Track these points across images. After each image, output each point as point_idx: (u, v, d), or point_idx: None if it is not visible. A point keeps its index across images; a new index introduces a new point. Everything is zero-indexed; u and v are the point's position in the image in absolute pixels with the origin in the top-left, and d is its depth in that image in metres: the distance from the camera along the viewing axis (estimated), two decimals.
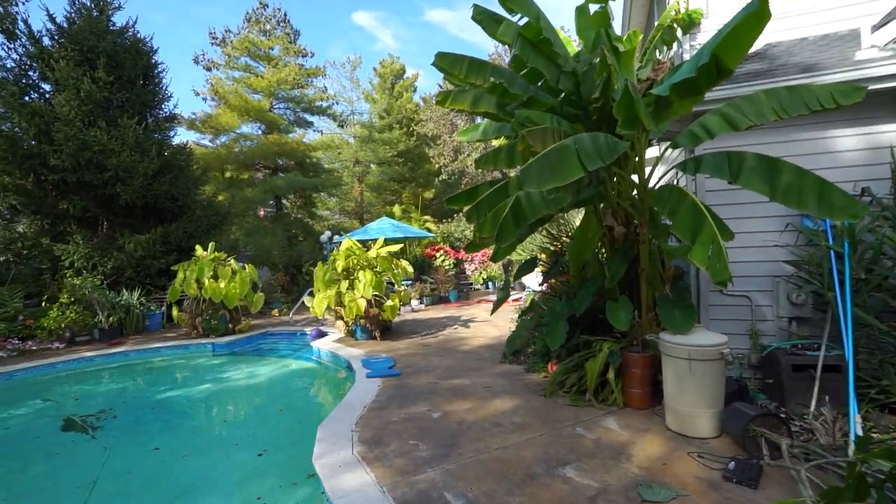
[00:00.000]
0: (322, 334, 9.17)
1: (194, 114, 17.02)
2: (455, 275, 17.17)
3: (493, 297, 13.48)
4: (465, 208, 5.34)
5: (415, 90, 30.95)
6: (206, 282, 8.94)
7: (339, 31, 49.90)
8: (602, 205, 5.44)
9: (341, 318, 8.25)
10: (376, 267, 8.50)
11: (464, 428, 4.05)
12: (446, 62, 4.69)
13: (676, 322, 3.79)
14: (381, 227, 13.44)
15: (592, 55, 4.84)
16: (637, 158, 4.41)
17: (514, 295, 13.65)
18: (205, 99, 18.45)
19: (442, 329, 9.29)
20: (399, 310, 9.26)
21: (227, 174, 19.03)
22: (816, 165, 3.80)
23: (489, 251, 19.18)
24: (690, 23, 5.62)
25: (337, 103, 22.11)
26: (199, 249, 9.90)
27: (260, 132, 18.86)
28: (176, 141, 13.01)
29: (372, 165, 26.42)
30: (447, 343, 7.91)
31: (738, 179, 3.42)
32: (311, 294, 9.25)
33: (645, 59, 5.23)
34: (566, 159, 3.36)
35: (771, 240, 4.53)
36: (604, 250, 5.80)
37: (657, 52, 5.33)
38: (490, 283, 17.39)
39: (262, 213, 20.31)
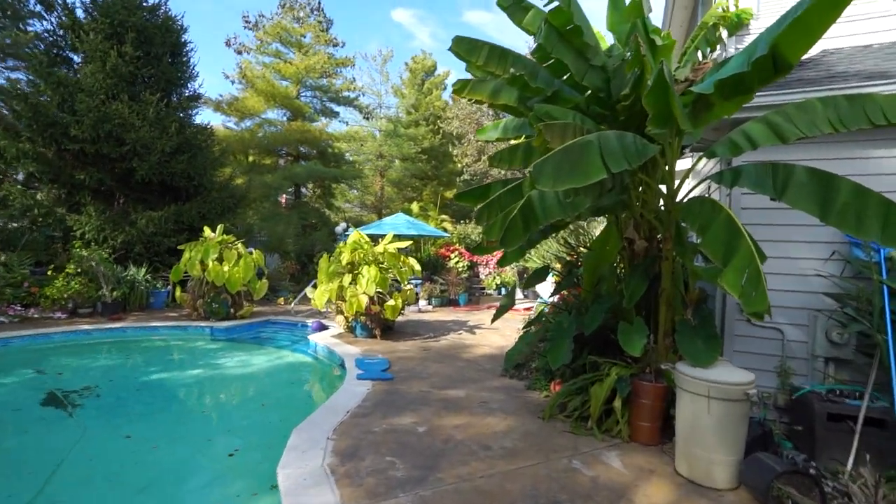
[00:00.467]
0: (322, 328, 8.92)
1: (221, 96, 17.12)
2: (468, 278, 16.78)
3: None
4: (476, 207, 4.96)
5: (444, 88, 30.66)
6: (210, 264, 8.78)
7: (376, 27, 50.09)
8: (624, 215, 4.99)
9: (342, 312, 7.96)
10: (382, 263, 8.19)
11: (449, 447, 3.68)
12: (464, 47, 4.33)
13: (697, 353, 3.34)
14: (396, 223, 13.16)
15: (625, 49, 4.41)
16: (667, 166, 3.96)
17: (525, 303, 13.20)
18: (233, 82, 18.51)
19: (446, 333, 8.92)
20: (403, 310, 8.93)
21: (250, 158, 19.07)
22: (878, 188, 3.30)
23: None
24: (738, 23, 5.12)
25: (364, 94, 21.99)
26: (207, 230, 9.77)
27: (285, 119, 18.82)
28: (200, 122, 12.98)
29: (395, 161, 26.23)
30: (449, 349, 7.54)
31: (784, 196, 2.96)
32: (316, 286, 9.01)
33: (684, 60, 4.76)
34: (587, 157, 2.96)
35: (812, 268, 4.01)
36: (622, 265, 5.36)
37: (699, 52, 4.86)
38: (504, 289, 16.94)
39: (283, 200, 20.34)
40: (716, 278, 2.98)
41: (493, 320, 5.99)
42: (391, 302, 7.67)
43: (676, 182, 4.13)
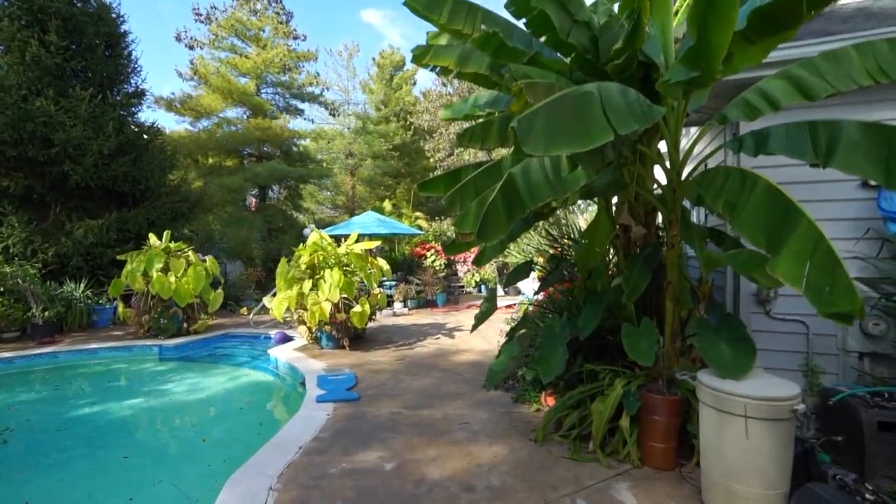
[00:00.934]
0: (286, 339, 8.06)
1: (173, 94, 15.84)
2: (445, 276, 16.07)
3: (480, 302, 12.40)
4: (445, 195, 4.23)
5: (414, 83, 29.84)
6: (154, 275, 7.80)
7: (346, 28, 48.70)
8: (616, 198, 4.36)
9: (304, 322, 7.13)
10: (348, 266, 7.39)
11: (422, 492, 2.95)
12: (422, 2, 3.58)
13: (724, 361, 2.69)
14: (365, 222, 12.33)
15: (611, 2, 3.75)
16: (670, 134, 3.31)
17: (506, 300, 12.57)
18: (186, 80, 17.22)
19: (423, 339, 8.18)
20: (374, 315, 8.15)
21: (210, 160, 17.86)
22: None
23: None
24: None
25: (328, 89, 20.95)
26: (152, 238, 8.77)
27: (245, 118, 17.70)
28: (146, 121, 11.84)
29: (367, 159, 25.28)
30: (425, 357, 6.81)
31: (832, 160, 2.33)
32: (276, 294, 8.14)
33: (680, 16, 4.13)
34: (587, 111, 2.27)
35: (842, 249, 3.44)
36: (616, 257, 4.73)
37: None
38: (483, 287, 16.30)
39: (252, 203, 19.17)
40: (748, 267, 2.34)
41: (472, 329, 5.26)
42: (358, 308, 6.88)
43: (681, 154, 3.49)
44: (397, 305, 11.51)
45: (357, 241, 7.66)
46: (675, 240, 3.45)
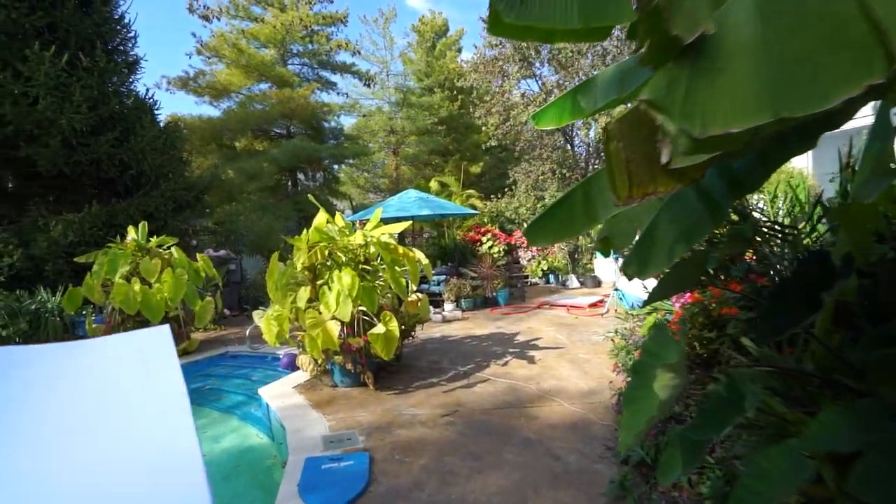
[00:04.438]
0: (293, 364, 5.73)
1: (186, 72, 14.01)
2: (506, 265, 13.34)
3: (562, 300, 9.55)
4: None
5: (460, 50, 26.86)
6: (116, 282, 5.72)
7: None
8: None
9: (306, 350, 4.71)
10: (367, 263, 4.88)
11: None
12: None
13: None
14: (403, 203, 9.80)
15: None
16: None
17: (580, 298, 9.65)
18: (203, 57, 15.37)
19: (484, 365, 5.55)
20: (415, 331, 5.63)
21: (240, 144, 16.09)
22: None
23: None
24: None
25: (359, 52, 18.41)
26: (131, 231, 6.75)
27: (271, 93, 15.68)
28: (149, 95, 9.91)
29: (410, 136, 22.80)
30: (492, 408, 4.18)
31: None
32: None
33: None
34: None
35: None
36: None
37: None
38: (553, 276, 13.41)
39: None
40: None
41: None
42: (381, 329, 4.32)
43: None
44: (447, 307, 8.95)
45: (380, 225, 5.09)
46: None
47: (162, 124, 10.27)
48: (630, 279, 1.88)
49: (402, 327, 5.28)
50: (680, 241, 1.83)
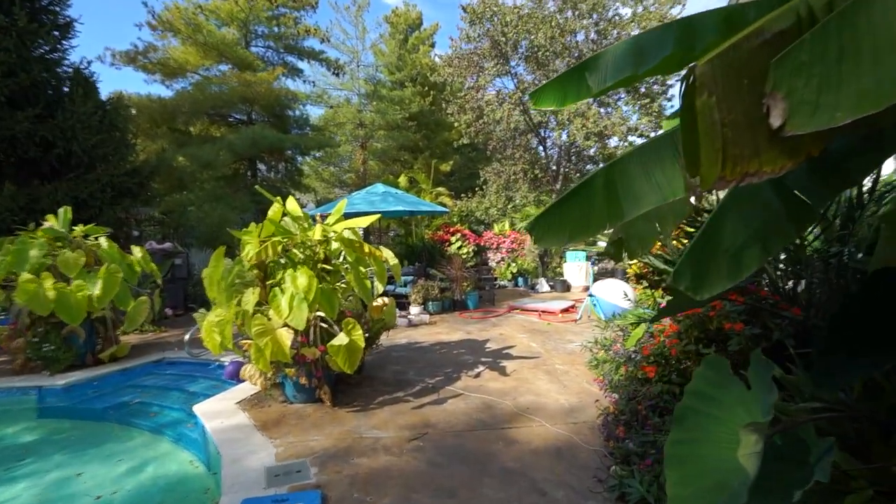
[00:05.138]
0: (238, 374, 5.04)
1: (134, 45, 12.73)
2: (475, 267, 12.93)
3: (533, 304, 9.20)
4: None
5: (433, 45, 26.34)
6: (21, 277, 4.86)
7: None
8: None
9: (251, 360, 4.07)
10: (326, 263, 4.29)
11: None
12: None
13: None
14: (371, 198, 9.18)
15: None
16: None
17: (551, 302, 9.35)
18: (160, 31, 14.11)
19: (455, 376, 5.07)
20: (379, 339, 5.08)
21: (195, 127, 14.93)
22: None
23: (521, 235, 14.86)
24: None
25: (328, 41, 17.58)
26: (50, 219, 5.84)
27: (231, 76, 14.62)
28: (83, 66, 8.80)
29: (379, 130, 22.06)
30: (466, 428, 3.70)
31: None
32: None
33: None
34: None
35: None
36: None
37: None
38: (522, 279, 13.11)
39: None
40: None
41: None
42: (343, 339, 3.75)
43: None
44: (414, 310, 8.42)
45: (343, 220, 4.51)
46: None
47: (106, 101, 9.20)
48: (686, 295, 1.43)
49: (367, 335, 4.73)
50: (751, 248, 1.39)
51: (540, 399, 4.34)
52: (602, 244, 6.65)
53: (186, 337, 5.59)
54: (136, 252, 6.08)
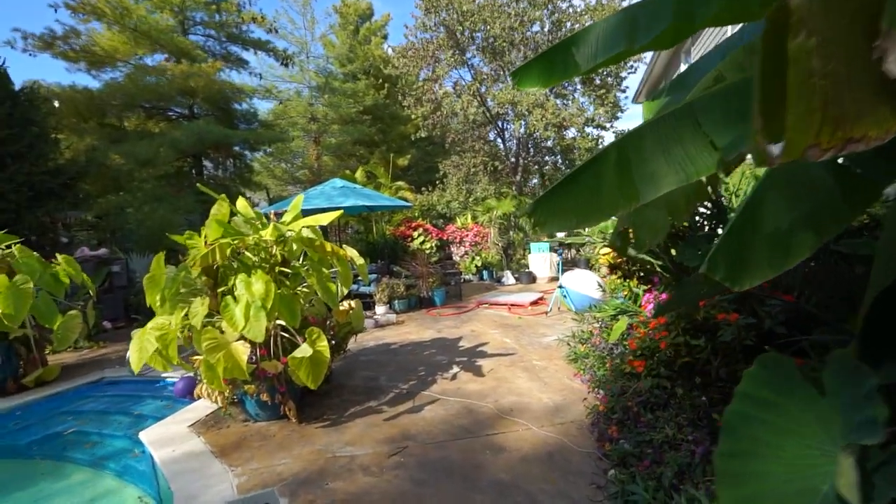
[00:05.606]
0: (191, 391, 4.53)
1: (51, 29, 11.32)
2: (439, 262, 12.67)
3: (501, 298, 9.06)
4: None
5: (385, 37, 25.70)
6: None
7: None
8: None
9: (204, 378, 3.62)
10: (289, 262, 3.89)
11: None
12: None
13: None
14: (328, 193, 8.69)
15: None
16: None
17: (519, 295, 9.27)
18: (81, 14, 12.77)
19: (430, 379, 4.79)
20: (346, 345, 4.71)
21: (130, 122, 13.72)
22: None
23: (483, 227, 14.69)
24: None
25: (275, 31, 16.69)
26: None
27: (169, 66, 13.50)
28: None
29: (333, 124, 21.27)
30: (448, 438, 3.43)
31: None
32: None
33: None
34: None
35: None
36: None
37: None
38: (486, 272, 12.98)
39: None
40: None
41: None
42: (306, 350, 3.37)
43: None
44: (380, 310, 8.06)
45: (301, 217, 4.11)
46: None
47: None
48: (726, 285, 1.22)
49: (333, 342, 4.37)
50: (802, 232, 1.19)
51: (522, 399, 4.14)
52: (578, 239, 6.52)
53: (129, 355, 4.97)
54: (61, 261, 5.36)
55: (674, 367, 3.42)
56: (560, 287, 7.62)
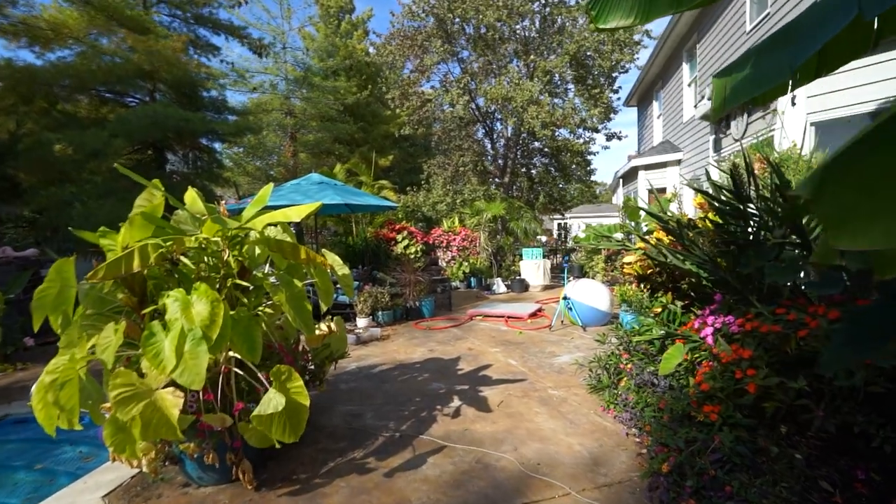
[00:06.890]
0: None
1: None
2: (424, 268, 11.73)
3: (496, 308, 8.17)
4: None
5: (367, 32, 24.69)
6: None
7: None
8: None
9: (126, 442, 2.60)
10: (248, 272, 2.90)
11: None
12: None
13: None
14: (303, 189, 7.65)
15: None
16: None
17: (515, 306, 8.43)
18: None
19: (428, 416, 3.85)
20: (326, 372, 3.73)
21: (80, 107, 12.33)
22: None
23: (471, 231, 13.80)
24: None
25: (245, 2, 15.48)
26: None
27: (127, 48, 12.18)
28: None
29: (311, 121, 20.09)
30: None
31: None
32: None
33: None
34: None
35: None
36: None
37: None
38: (475, 280, 12.11)
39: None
40: None
41: None
42: (274, 402, 2.40)
43: None
44: (361, 323, 7.07)
45: (266, 213, 3.11)
46: None
47: None
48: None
49: (309, 370, 3.41)
50: None
51: (548, 447, 3.25)
52: (618, 236, 5.62)
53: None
54: None
55: (763, 415, 2.60)
56: (565, 298, 6.79)
